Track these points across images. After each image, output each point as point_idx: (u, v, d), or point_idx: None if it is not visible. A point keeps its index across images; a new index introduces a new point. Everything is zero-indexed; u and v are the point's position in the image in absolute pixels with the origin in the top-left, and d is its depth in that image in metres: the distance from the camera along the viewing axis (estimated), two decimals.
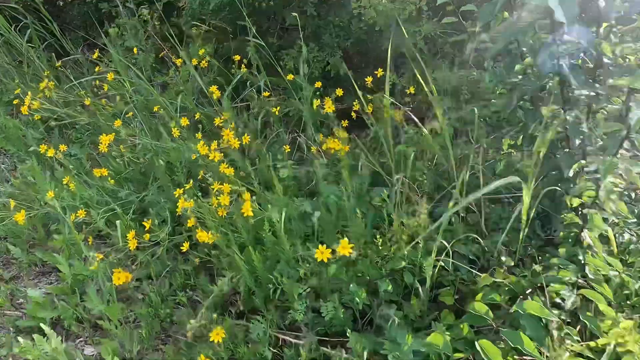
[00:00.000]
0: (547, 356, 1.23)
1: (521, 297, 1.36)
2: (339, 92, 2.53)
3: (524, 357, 1.28)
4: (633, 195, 1.63)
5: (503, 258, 1.49)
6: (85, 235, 2.05)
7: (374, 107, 2.44)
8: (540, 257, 1.57)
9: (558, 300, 1.35)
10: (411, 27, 2.72)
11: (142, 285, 1.96)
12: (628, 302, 1.44)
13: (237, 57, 2.60)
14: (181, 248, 1.81)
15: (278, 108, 2.50)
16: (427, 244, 1.58)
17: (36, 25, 3.64)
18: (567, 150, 1.63)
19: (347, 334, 1.46)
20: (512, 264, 1.49)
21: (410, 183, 1.73)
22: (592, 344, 1.25)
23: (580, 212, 1.54)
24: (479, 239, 1.59)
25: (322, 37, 3.05)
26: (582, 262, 1.39)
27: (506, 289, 1.43)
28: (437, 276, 1.57)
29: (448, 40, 2.85)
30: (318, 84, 2.55)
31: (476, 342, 1.25)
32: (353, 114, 2.44)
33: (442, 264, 1.54)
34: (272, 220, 1.72)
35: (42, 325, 1.54)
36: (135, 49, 3.12)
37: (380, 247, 1.73)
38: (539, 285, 1.40)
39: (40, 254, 2.05)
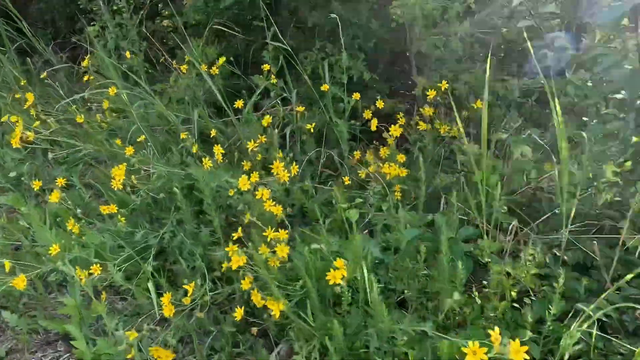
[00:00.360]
0: None
1: None
2: (380, 104, 2.20)
3: None
4: None
5: None
6: (101, 292, 1.66)
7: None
8: None
9: None
10: (451, 28, 2.40)
11: (178, 354, 1.60)
12: None
13: (266, 67, 2.22)
14: (234, 315, 1.45)
15: (313, 124, 2.14)
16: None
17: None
18: None
19: None
20: None
21: (522, 227, 1.43)
22: None
23: None
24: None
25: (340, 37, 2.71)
26: None
27: None
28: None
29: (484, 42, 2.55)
30: (356, 96, 2.21)
31: None
32: (399, 128, 2.12)
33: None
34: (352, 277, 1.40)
35: None
36: (128, 53, 2.67)
37: (481, 305, 1.44)
38: None
39: (42, 321, 1.63)
